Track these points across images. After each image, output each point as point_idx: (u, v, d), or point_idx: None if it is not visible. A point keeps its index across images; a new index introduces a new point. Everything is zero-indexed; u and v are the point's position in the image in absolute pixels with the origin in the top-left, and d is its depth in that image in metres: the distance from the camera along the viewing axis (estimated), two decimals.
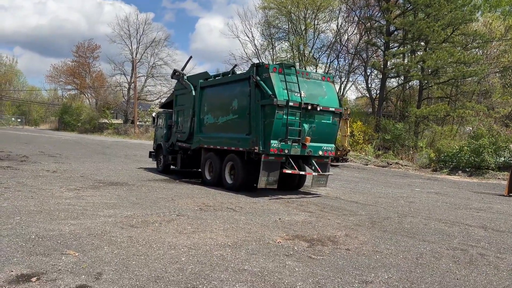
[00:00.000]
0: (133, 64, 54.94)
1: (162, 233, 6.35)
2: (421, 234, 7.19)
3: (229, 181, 11.62)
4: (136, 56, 57.58)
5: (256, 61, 42.79)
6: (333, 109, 10.92)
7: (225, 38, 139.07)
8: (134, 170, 15.24)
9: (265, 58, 42.02)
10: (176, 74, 14.94)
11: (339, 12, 38.94)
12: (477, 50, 31.58)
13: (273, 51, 42.25)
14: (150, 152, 16.84)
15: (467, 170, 20.43)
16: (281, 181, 10.89)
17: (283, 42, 42.10)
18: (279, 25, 41.52)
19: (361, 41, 35.87)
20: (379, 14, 32.87)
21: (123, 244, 5.68)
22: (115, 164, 17.07)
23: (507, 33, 33.61)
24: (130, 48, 58.85)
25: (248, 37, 53.06)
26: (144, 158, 21.51)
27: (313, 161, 10.95)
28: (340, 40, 38.78)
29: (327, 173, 11.20)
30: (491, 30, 31.83)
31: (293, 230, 7.03)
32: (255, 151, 10.29)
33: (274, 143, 10.09)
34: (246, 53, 43.86)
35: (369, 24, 33.98)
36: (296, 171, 10.62)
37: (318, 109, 10.55)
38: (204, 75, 13.52)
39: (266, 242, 6.16)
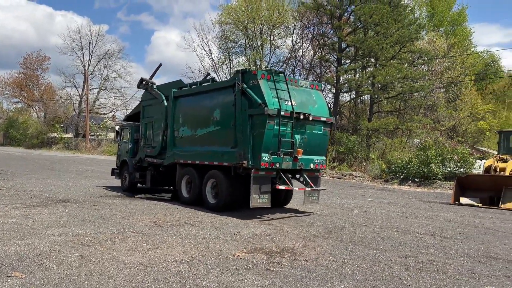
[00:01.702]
0: (85, 76, 53.34)
1: (116, 251, 6.13)
2: (374, 243, 7.41)
3: (211, 200, 10.53)
4: (88, 68, 55.96)
5: (214, 75, 42.91)
6: (324, 119, 10.26)
7: (182, 51, 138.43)
8: (85, 187, 14.65)
9: (223, 72, 42.20)
10: (143, 83, 13.62)
11: (294, 29, 39.96)
12: (423, 66, 33.47)
13: (230, 65, 42.50)
14: (113, 170, 15.31)
15: (416, 180, 21.38)
16: None
17: (240, 56, 42.52)
18: (236, 39, 41.91)
19: (315, 57, 36.89)
20: (332, 31, 34.05)
21: (74, 264, 5.42)
22: (65, 180, 16.34)
23: (450, 50, 35.98)
24: (82, 60, 57.22)
25: (205, 51, 53.03)
26: (96, 173, 20.76)
27: (305, 175, 10.15)
28: (295, 56, 39.72)
29: (320, 188, 10.52)
30: (435, 48, 33.91)
31: (251, 243, 7.02)
32: (244, 166, 9.33)
33: (265, 156, 9.19)
34: (204, 67, 43.72)
35: (322, 41, 35.07)
36: (290, 187, 9.79)
37: (310, 118, 9.81)
38: (178, 84, 12.47)
39: (225, 256, 6.11)
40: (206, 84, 11.43)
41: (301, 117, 9.64)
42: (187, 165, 11.37)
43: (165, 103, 12.37)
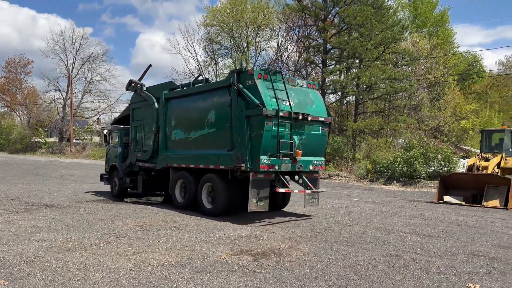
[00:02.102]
0: (68, 79, 52.69)
1: (100, 256, 6.09)
2: (359, 242, 7.50)
3: (207, 205, 10.18)
4: (72, 72, 55.34)
5: (200, 77, 42.72)
6: (322, 119, 10.00)
7: (167, 54, 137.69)
8: (70, 191, 14.48)
9: (208, 74, 42.09)
10: (132, 85, 13.13)
11: (279, 30, 40.17)
12: (406, 67, 33.94)
13: (216, 67, 42.49)
14: (102, 175, 14.74)
15: (401, 179, 21.66)
16: None
17: (226, 58, 42.54)
18: (221, 41, 41.93)
19: (300, 59, 37.14)
20: (316, 33, 34.28)
21: (58, 270, 5.37)
22: (49, 185, 16.12)
23: (433, 51, 36.56)
24: (66, 63, 56.53)
25: (191, 53, 52.98)
26: (81, 178, 20.54)
27: (304, 177, 9.82)
28: (281, 58, 39.90)
29: (320, 190, 10.25)
30: (418, 49, 34.43)
31: (238, 245, 7.04)
32: (242, 169, 9.00)
33: (264, 158, 8.90)
34: (189, 69, 43.65)
35: (307, 42, 35.27)
36: (290, 190, 9.49)
37: (309, 118, 9.55)
38: (169, 85, 12.07)
39: (211, 259, 6.12)
40: (199, 85, 10.99)
41: (300, 117, 9.37)
42: (181, 169, 11.03)
43: (156, 105, 12.02)
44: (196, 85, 11.11)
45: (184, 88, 11.49)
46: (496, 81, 46.91)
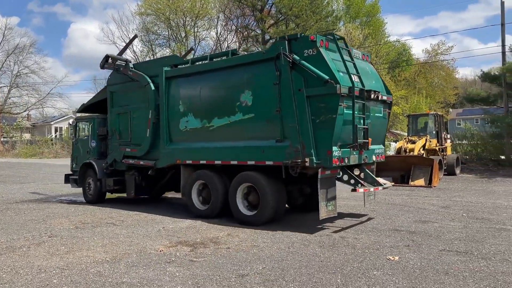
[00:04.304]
0: None
1: (31, 257, 5.88)
2: (296, 226, 7.82)
3: (245, 211, 8.15)
4: None
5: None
6: (385, 98, 8.45)
7: (103, 44, 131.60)
8: None
9: None
10: (109, 62, 10.61)
11: (218, 20, 39.99)
12: None
13: (154, 57, 41.42)
14: (67, 176, 12.17)
15: None
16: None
17: (164, 48, 41.61)
18: (158, 31, 40.93)
19: (240, 49, 37.31)
20: (255, 23, 34.60)
21: None
22: None
23: (365, 41, 38.29)
24: None
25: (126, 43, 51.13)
26: (11, 178, 19.32)
27: (367, 170, 8.29)
28: (220, 47, 39.78)
29: (387, 185, 8.61)
30: (351, 39, 35.87)
31: (176, 237, 7.09)
32: (306, 164, 7.21)
33: (336, 150, 7.18)
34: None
35: (246, 32, 35.53)
36: (367, 187, 7.93)
37: (380, 97, 8.07)
38: (171, 60, 9.89)
39: (148, 253, 6.13)
40: (223, 58, 8.86)
41: (372, 96, 7.81)
42: (198, 167, 9.02)
43: (152, 86, 9.74)
44: (215, 60, 9.05)
45: (197, 63, 9.35)
46: (423, 68, 50.22)
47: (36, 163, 31.81)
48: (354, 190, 7.72)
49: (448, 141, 19.57)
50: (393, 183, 14.73)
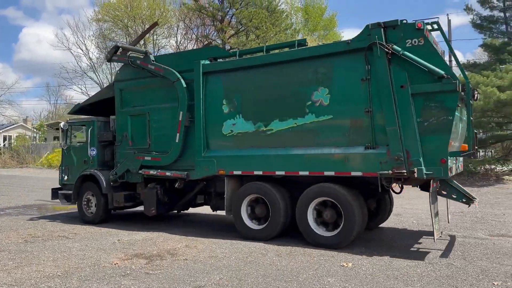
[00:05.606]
0: None
1: None
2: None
3: (319, 231, 6.98)
4: None
5: (93, 75, 40.57)
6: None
7: (57, 50, 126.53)
8: None
9: (103, 72, 40.01)
10: (121, 54, 9.12)
11: (178, 29, 39.73)
12: None
13: (111, 65, 40.48)
14: (54, 190, 10.37)
15: None
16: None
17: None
18: (115, 38, 40.04)
19: None
20: (215, 33, 34.70)
21: None
22: None
23: None
24: None
25: (82, 50, 49.70)
26: None
27: (455, 181, 7.22)
28: None
29: (475, 197, 7.34)
30: None
31: (132, 250, 6.94)
32: (414, 175, 6.17)
33: (450, 158, 6.30)
34: (80, 67, 41.03)
35: (206, 42, 35.51)
36: (476, 200, 7.15)
37: (476, 97, 7.22)
38: (210, 53, 8.42)
39: (102, 266, 5.96)
40: (285, 50, 7.76)
41: (475, 95, 7.11)
42: (251, 178, 7.78)
43: (183, 83, 8.30)
44: (272, 52, 7.95)
45: (248, 56, 8.21)
46: None
47: None
48: (468, 204, 7.05)
49: None
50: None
